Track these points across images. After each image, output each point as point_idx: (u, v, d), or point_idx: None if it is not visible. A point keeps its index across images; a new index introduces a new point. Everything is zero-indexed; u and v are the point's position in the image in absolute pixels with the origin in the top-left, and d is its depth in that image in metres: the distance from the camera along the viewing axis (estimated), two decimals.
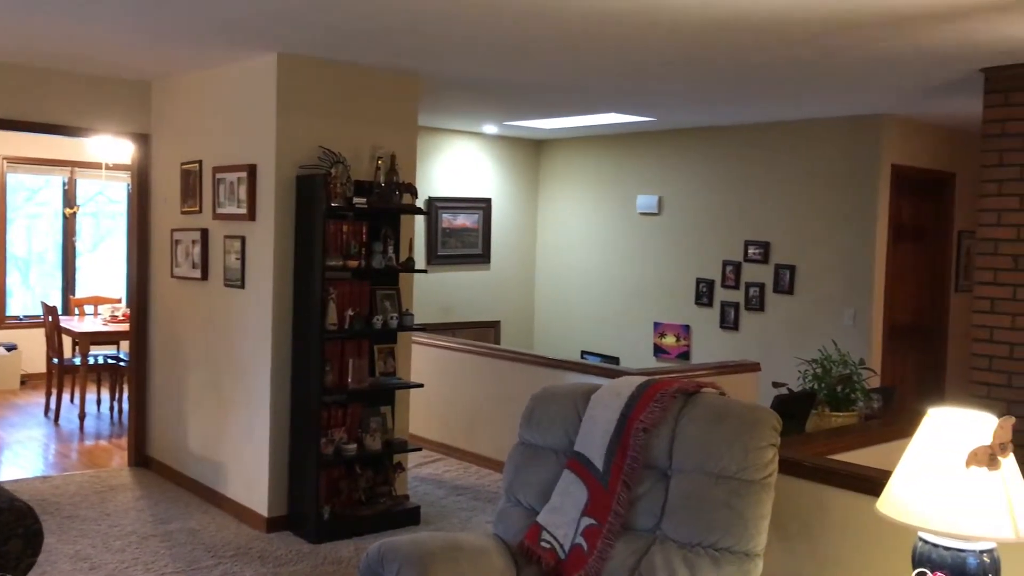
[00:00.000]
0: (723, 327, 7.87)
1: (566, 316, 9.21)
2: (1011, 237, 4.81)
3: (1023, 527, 2.10)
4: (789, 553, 3.02)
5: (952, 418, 2.20)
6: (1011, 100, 4.82)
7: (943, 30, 4.05)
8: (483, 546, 2.92)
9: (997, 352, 4.87)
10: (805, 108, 6.70)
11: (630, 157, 8.64)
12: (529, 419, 3.23)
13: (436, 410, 6.91)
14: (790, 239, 7.38)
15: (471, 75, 5.56)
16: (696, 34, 4.27)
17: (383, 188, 5.16)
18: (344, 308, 4.98)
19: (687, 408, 2.97)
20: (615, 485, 2.91)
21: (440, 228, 8.59)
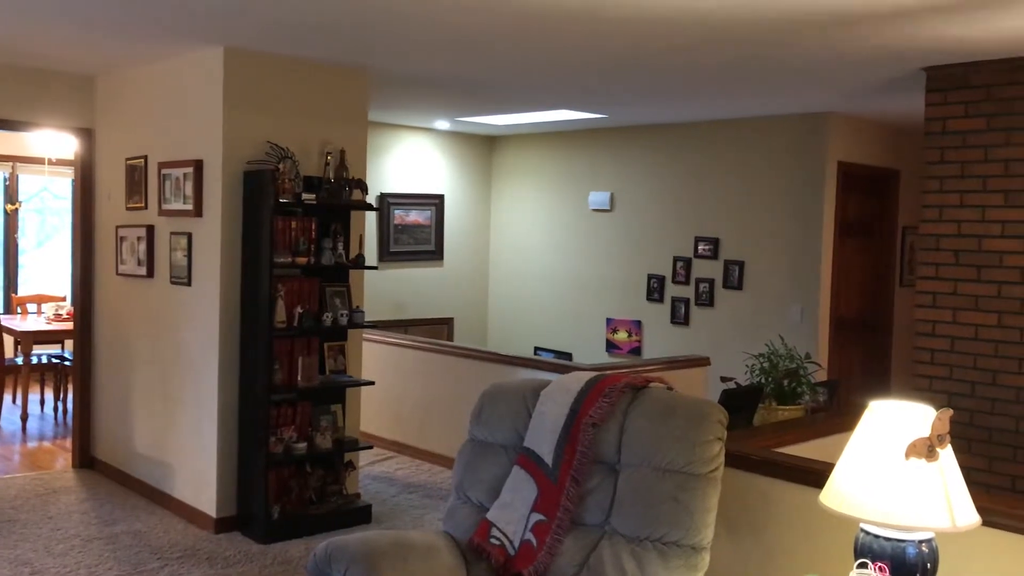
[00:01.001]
0: (674, 322, 7.94)
1: (520, 312, 9.21)
2: (952, 233, 4.91)
3: (959, 517, 2.15)
4: (736, 546, 3.05)
5: (892, 411, 2.24)
6: (950, 99, 4.92)
7: (887, 30, 4.12)
8: (432, 544, 2.91)
9: (939, 346, 4.97)
10: (754, 106, 6.77)
11: (582, 154, 8.67)
12: (479, 416, 3.22)
13: (388, 408, 6.87)
14: (739, 235, 7.47)
15: (421, 70, 5.53)
16: (645, 32, 4.30)
17: (332, 184, 5.11)
18: (293, 305, 4.93)
19: (635, 403, 2.98)
20: (564, 480, 2.92)
21: (392, 224, 8.54)
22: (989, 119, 4.78)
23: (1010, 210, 4.71)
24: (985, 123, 4.80)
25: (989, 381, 4.78)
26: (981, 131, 4.81)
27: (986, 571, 2.49)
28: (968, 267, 4.84)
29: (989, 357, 4.78)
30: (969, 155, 4.85)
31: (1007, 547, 2.46)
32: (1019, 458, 4.69)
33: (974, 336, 4.83)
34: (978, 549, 2.47)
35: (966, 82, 4.85)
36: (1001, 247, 4.74)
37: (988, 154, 4.79)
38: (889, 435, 2.19)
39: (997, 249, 4.75)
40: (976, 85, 4.82)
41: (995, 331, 4.76)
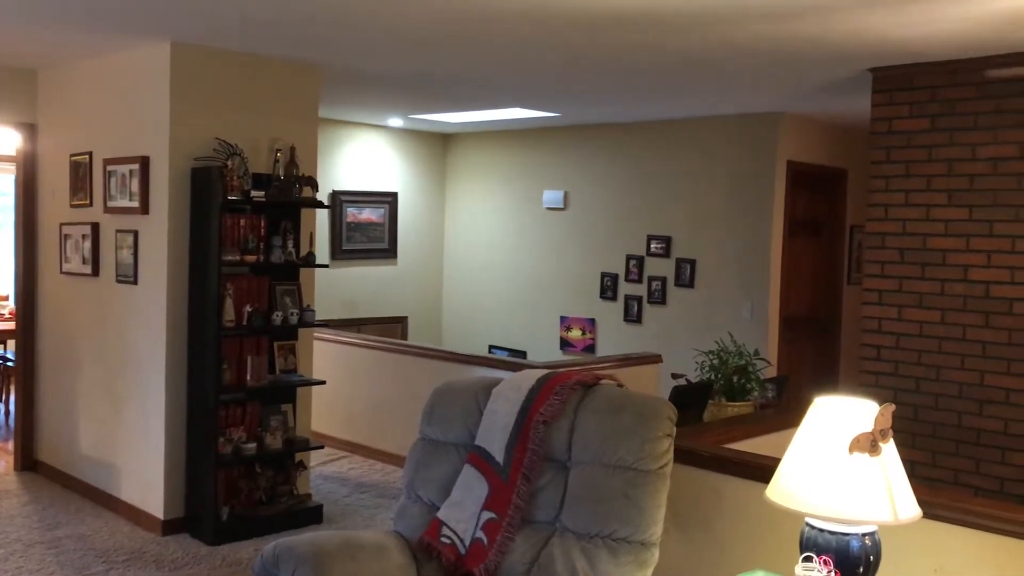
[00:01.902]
0: (627, 320, 7.98)
1: (474, 311, 9.20)
2: (897, 231, 5.00)
3: (901, 510, 2.18)
4: (686, 541, 3.08)
5: (836, 406, 2.27)
6: (896, 99, 5.01)
7: (834, 29, 4.18)
8: (382, 543, 2.89)
9: (884, 342, 5.06)
10: (706, 106, 6.83)
11: (536, 152, 8.68)
12: (430, 415, 3.20)
13: (340, 407, 6.82)
14: (691, 234, 7.53)
15: (373, 67, 5.49)
16: (595, 31, 4.31)
17: (282, 181, 5.05)
18: (242, 304, 4.86)
19: (586, 400, 2.99)
20: (515, 478, 2.91)
21: (345, 222, 8.46)
22: (933, 119, 4.88)
23: (953, 209, 4.81)
24: (929, 123, 4.90)
25: (933, 377, 4.88)
26: (925, 131, 4.91)
27: (927, 562, 2.54)
28: (913, 265, 4.94)
29: (933, 353, 4.88)
30: (914, 155, 4.94)
31: (948, 539, 2.51)
32: (962, 452, 4.79)
33: (919, 333, 4.93)
34: (920, 541, 2.52)
35: (911, 83, 4.94)
36: (944, 245, 4.83)
37: (932, 154, 4.88)
38: (833, 430, 2.22)
39: (940, 247, 4.85)
40: (921, 86, 4.91)
41: (939, 328, 4.86)
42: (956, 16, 3.86)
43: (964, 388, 4.77)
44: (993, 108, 4.67)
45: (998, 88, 4.64)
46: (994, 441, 4.68)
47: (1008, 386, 4.64)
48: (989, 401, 4.69)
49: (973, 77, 4.71)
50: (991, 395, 4.69)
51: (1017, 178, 4.60)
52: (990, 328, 4.69)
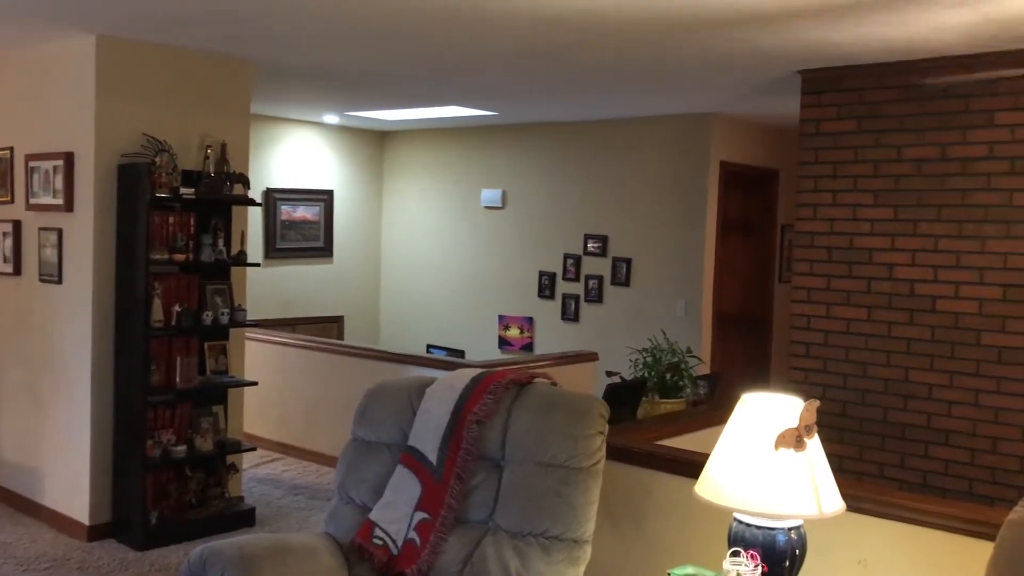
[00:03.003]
0: (564, 319, 8.02)
1: (412, 310, 9.15)
2: (825, 230, 5.11)
3: (826, 504, 2.22)
4: (619, 537, 3.10)
5: (762, 403, 2.30)
6: (824, 101, 5.12)
7: (764, 33, 4.24)
8: (313, 546, 2.85)
9: (813, 339, 5.17)
10: (641, 106, 6.89)
11: (474, 151, 8.66)
12: (362, 415, 3.17)
13: (274, 408, 6.72)
14: (627, 233, 7.60)
15: (306, 62, 5.42)
16: (529, 30, 4.31)
17: (213, 178, 4.95)
18: (171, 304, 4.76)
19: (520, 399, 2.99)
20: (448, 478, 2.90)
21: (279, 220, 8.34)
22: (860, 121, 4.99)
23: (879, 209, 4.93)
24: (856, 125, 5.01)
25: (860, 373, 4.99)
26: (852, 133, 5.02)
27: (852, 554, 2.60)
28: (840, 263, 5.05)
29: (860, 350, 5.00)
30: (841, 155, 5.05)
31: (872, 531, 2.56)
32: (887, 446, 4.91)
33: (846, 330, 5.04)
34: (845, 534, 2.57)
35: (839, 85, 5.05)
36: (871, 244, 4.95)
37: (858, 155, 4.99)
38: (759, 427, 2.26)
39: (867, 246, 4.96)
40: (848, 88, 5.02)
41: (865, 325, 4.98)
42: (882, 21, 3.95)
43: (889, 384, 4.90)
44: (917, 110, 4.80)
45: (922, 91, 4.77)
46: (918, 435, 4.81)
47: (931, 382, 4.77)
48: (913, 396, 4.82)
49: (898, 80, 4.83)
50: (915, 391, 4.82)
51: (940, 179, 4.74)
52: (914, 325, 4.81)
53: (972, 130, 4.64)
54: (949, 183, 4.71)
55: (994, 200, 4.58)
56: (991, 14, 3.75)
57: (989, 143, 4.60)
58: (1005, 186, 4.55)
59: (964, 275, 4.66)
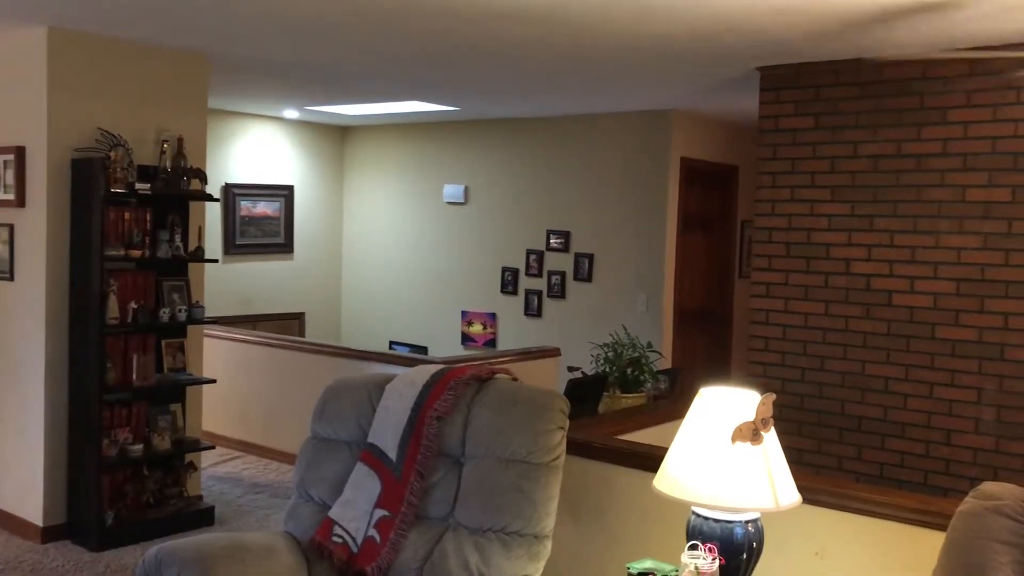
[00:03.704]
0: (527, 314, 8.03)
1: (374, 306, 9.10)
2: (783, 226, 5.16)
3: (782, 497, 2.25)
4: (580, 532, 3.11)
5: (720, 397, 2.32)
6: (783, 97, 5.16)
7: (723, 29, 4.27)
8: (271, 545, 2.82)
9: (772, 334, 5.22)
10: (602, 102, 6.91)
11: (437, 146, 8.63)
12: (321, 412, 3.14)
13: (234, 406, 6.65)
14: (589, 229, 7.62)
15: (263, 57, 5.36)
16: (487, 25, 4.30)
17: (169, 173, 4.88)
18: (127, 301, 4.69)
19: (480, 395, 2.98)
20: (408, 475, 2.88)
21: (238, 216, 8.25)
22: (817, 118, 5.05)
23: (836, 204, 4.99)
24: (814, 121, 5.06)
25: (818, 367, 5.06)
26: (810, 129, 5.08)
27: (809, 546, 2.63)
28: (798, 259, 5.10)
29: (818, 344, 5.06)
30: (799, 152, 5.11)
31: (828, 523, 2.60)
32: (845, 439, 4.98)
33: (804, 324, 5.10)
34: (802, 526, 2.60)
35: (796, 82, 5.10)
36: (828, 239, 5.01)
37: (816, 151, 5.05)
38: (717, 421, 2.27)
39: (824, 241, 5.02)
40: (806, 85, 5.07)
41: (823, 319, 5.04)
42: (837, 17, 4.00)
43: (846, 377, 4.96)
44: (873, 107, 4.86)
45: (878, 88, 4.83)
46: (874, 428, 4.88)
47: (887, 375, 4.84)
48: (869, 389, 4.89)
49: (855, 77, 4.89)
50: (871, 384, 4.89)
51: (896, 175, 4.80)
52: (870, 319, 4.88)
53: (926, 127, 4.71)
54: (904, 179, 4.78)
55: (947, 196, 4.66)
56: (943, 10, 3.80)
57: (943, 140, 4.67)
58: (958, 182, 4.63)
59: (919, 270, 4.73)
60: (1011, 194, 4.49)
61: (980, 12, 3.77)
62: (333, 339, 8.73)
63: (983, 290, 4.56)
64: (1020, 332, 4.47)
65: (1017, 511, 2.03)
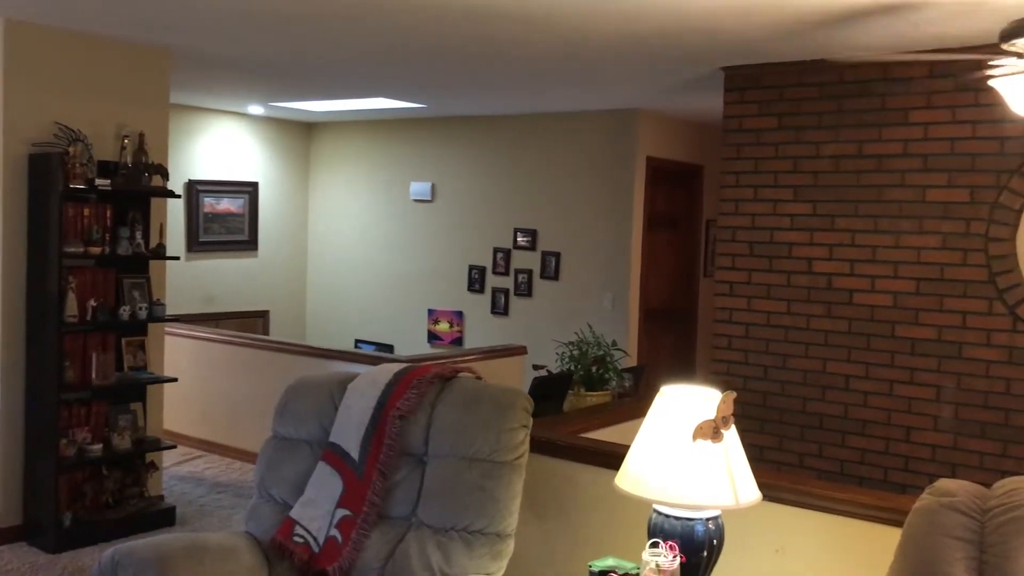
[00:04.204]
0: (494, 312, 8.02)
1: (340, 304, 9.04)
2: (747, 225, 5.20)
3: (742, 494, 2.26)
4: (544, 530, 3.10)
5: (681, 395, 2.33)
6: (747, 98, 5.20)
7: (687, 29, 4.29)
8: (231, 545, 2.79)
9: (735, 332, 5.26)
10: (570, 101, 6.92)
11: (403, 143, 8.59)
12: (283, 411, 3.12)
13: (197, 405, 6.57)
14: (556, 227, 7.63)
15: (227, 52, 5.30)
16: (452, 22, 4.28)
17: (130, 169, 4.82)
18: (86, 298, 4.62)
19: (443, 394, 2.97)
20: (371, 474, 2.87)
21: (202, 213, 8.16)
22: (780, 118, 5.09)
23: (798, 204, 5.03)
24: (777, 122, 5.11)
25: (780, 365, 5.10)
26: (773, 129, 5.12)
27: (768, 543, 2.65)
28: (761, 258, 5.14)
29: (780, 342, 5.10)
30: (762, 152, 5.15)
31: (788, 520, 2.62)
32: (806, 436, 5.03)
33: (766, 323, 5.14)
34: (762, 523, 2.62)
35: (760, 83, 5.14)
36: (790, 239, 5.06)
37: (779, 151, 5.10)
38: (678, 418, 2.28)
39: (787, 241, 5.07)
40: (769, 86, 5.11)
41: (785, 318, 5.08)
42: (798, 18, 4.03)
43: (808, 375, 5.01)
44: (835, 108, 4.91)
45: (840, 89, 4.88)
46: (835, 425, 4.94)
47: (848, 373, 4.90)
48: (830, 387, 4.95)
49: (817, 78, 4.94)
50: (832, 382, 4.94)
51: (856, 175, 4.86)
52: (831, 318, 4.94)
53: (887, 128, 4.77)
54: (865, 179, 4.83)
55: (908, 196, 4.72)
56: (903, 11, 3.85)
57: (903, 141, 4.73)
58: (918, 182, 4.69)
59: (879, 269, 4.79)
60: (970, 195, 4.56)
61: (938, 15, 3.82)
62: (298, 337, 8.66)
63: (942, 289, 4.63)
64: (978, 331, 4.54)
65: (971, 507, 2.06)
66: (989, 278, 4.50)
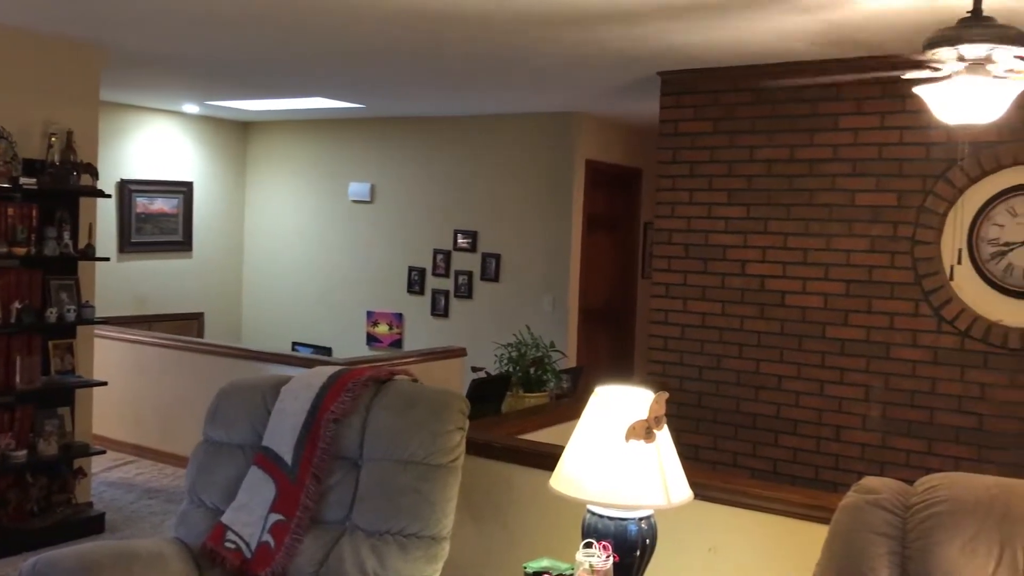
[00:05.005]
0: (434, 314, 7.99)
1: (277, 306, 8.92)
2: (683, 228, 5.27)
3: (674, 494, 2.28)
4: (480, 532, 3.10)
5: (615, 396, 2.35)
6: (682, 102, 5.27)
7: (623, 34, 4.33)
8: (160, 552, 2.73)
9: (671, 333, 5.32)
10: (510, 103, 6.93)
11: (342, 143, 8.52)
12: (214, 415, 3.06)
13: (128, 409, 6.43)
14: (497, 228, 7.64)
15: (160, 49, 5.20)
16: (388, 22, 4.25)
17: (57, 167, 4.70)
18: (10, 300, 4.49)
19: (379, 396, 2.95)
20: (304, 478, 2.83)
21: (135, 213, 7.98)
22: (715, 122, 5.17)
23: (732, 207, 5.11)
24: (712, 126, 5.18)
25: (714, 365, 5.18)
26: (708, 133, 5.19)
27: (701, 541, 2.68)
28: (696, 260, 5.22)
29: (715, 343, 5.18)
30: (698, 156, 5.22)
31: (721, 519, 2.66)
32: (740, 436, 5.11)
33: (701, 324, 5.22)
34: (695, 522, 2.65)
35: (696, 87, 5.21)
36: (724, 241, 5.14)
37: (714, 155, 5.17)
38: (612, 419, 2.30)
39: (721, 243, 5.15)
40: (704, 90, 5.19)
41: (719, 319, 5.16)
42: (735, 25, 4.10)
43: (742, 376, 5.09)
44: (769, 113, 5.01)
45: (772, 95, 4.97)
46: (768, 425, 5.03)
47: (780, 373, 4.99)
48: (763, 387, 5.03)
49: (751, 83, 5.02)
50: (765, 382, 5.03)
51: (789, 179, 4.96)
52: (764, 319, 5.02)
53: (819, 133, 4.87)
54: (797, 183, 4.93)
55: (838, 200, 4.83)
56: (832, 20, 3.94)
57: (834, 146, 4.84)
58: (848, 187, 4.80)
59: (811, 271, 4.89)
60: (897, 199, 4.68)
61: (867, 24, 3.92)
62: (234, 340, 8.52)
63: (871, 291, 4.74)
64: (905, 332, 4.66)
65: (894, 504, 2.12)
66: (915, 280, 4.63)
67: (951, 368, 4.55)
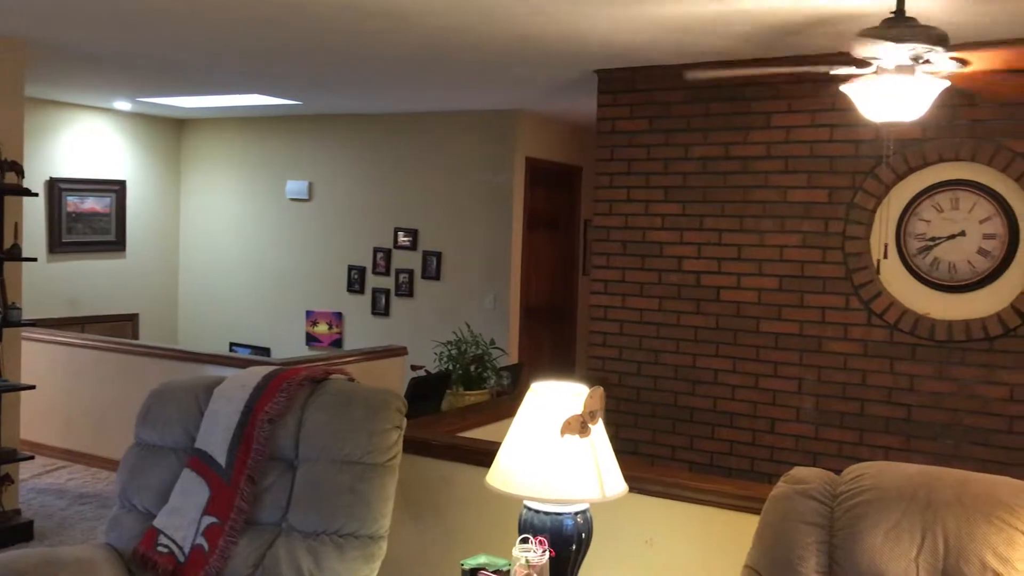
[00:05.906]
0: (375, 313, 7.95)
1: (214, 307, 8.78)
2: (620, 225, 5.31)
3: (609, 487, 2.31)
4: (419, 530, 3.10)
5: (550, 391, 2.36)
6: (619, 100, 5.32)
7: (557, 31, 4.34)
8: (89, 558, 2.67)
9: (610, 329, 5.36)
10: (450, 100, 6.91)
11: (279, 141, 8.42)
12: (145, 417, 3.00)
13: (59, 413, 6.27)
14: (437, 226, 7.62)
15: (89, 44, 5.07)
16: (324, 16, 4.21)
17: None
18: None
19: (314, 396, 2.92)
20: (239, 480, 2.79)
21: (65, 212, 7.78)
22: (651, 120, 5.22)
23: (669, 204, 5.17)
24: (648, 124, 5.24)
25: (652, 360, 5.23)
26: (645, 132, 5.25)
27: (638, 534, 2.71)
28: (634, 256, 5.27)
29: (652, 338, 5.23)
30: (634, 153, 5.27)
31: (657, 511, 2.69)
32: (678, 429, 5.17)
33: (639, 319, 5.27)
34: (632, 515, 2.68)
35: (632, 86, 5.26)
36: (662, 238, 5.19)
37: (650, 153, 5.23)
38: (547, 414, 2.31)
39: (658, 240, 5.20)
40: (640, 89, 5.24)
41: (657, 314, 5.22)
42: (658, 21, 4.14)
43: (679, 370, 5.16)
44: (703, 111, 5.07)
45: (707, 93, 5.04)
46: (705, 418, 5.10)
47: (716, 367, 5.06)
48: (700, 381, 5.11)
49: (686, 82, 5.07)
50: (702, 376, 5.10)
51: (723, 176, 5.03)
52: (700, 314, 5.09)
53: (752, 131, 4.95)
54: (732, 180, 5.01)
55: (771, 197, 4.92)
56: (763, 20, 4.00)
57: (767, 143, 4.93)
58: (781, 183, 4.89)
59: (745, 267, 4.97)
60: (828, 195, 4.78)
61: (796, 26, 3.99)
62: (170, 341, 8.36)
63: (803, 286, 4.84)
64: (836, 325, 4.77)
65: (822, 493, 2.17)
66: (846, 275, 4.74)
67: (881, 360, 4.67)
